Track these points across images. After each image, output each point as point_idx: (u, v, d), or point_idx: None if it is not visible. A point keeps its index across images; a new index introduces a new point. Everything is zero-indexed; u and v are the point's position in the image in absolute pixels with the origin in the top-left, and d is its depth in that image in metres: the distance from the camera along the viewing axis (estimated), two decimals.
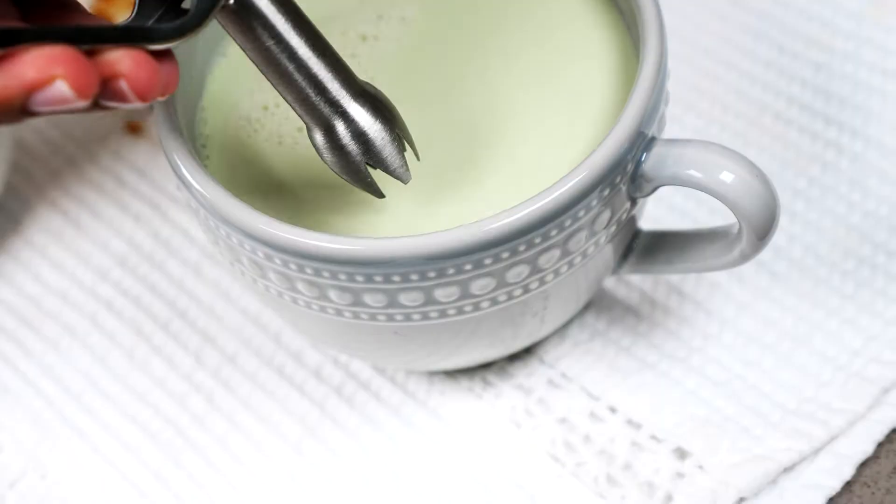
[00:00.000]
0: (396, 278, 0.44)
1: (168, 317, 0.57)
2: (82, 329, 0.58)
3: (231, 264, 0.48)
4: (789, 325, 0.53)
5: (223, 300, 0.57)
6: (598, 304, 0.55)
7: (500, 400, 0.53)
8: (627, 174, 0.45)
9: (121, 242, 0.60)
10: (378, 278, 0.44)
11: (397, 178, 0.45)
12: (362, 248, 0.44)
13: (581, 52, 0.49)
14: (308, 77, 0.43)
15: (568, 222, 0.44)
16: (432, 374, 0.54)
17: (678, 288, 0.55)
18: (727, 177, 0.45)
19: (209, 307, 0.57)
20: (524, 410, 0.53)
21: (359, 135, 0.44)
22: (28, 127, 0.64)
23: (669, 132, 0.59)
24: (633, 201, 0.47)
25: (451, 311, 0.46)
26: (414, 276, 0.44)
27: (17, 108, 0.38)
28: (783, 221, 0.56)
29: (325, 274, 0.44)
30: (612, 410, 0.53)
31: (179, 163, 0.46)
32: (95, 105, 0.39)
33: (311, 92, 0.43)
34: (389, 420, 0.54)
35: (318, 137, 0.45)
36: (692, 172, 0.45)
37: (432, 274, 0.44)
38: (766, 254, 0.55)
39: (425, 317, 0.46)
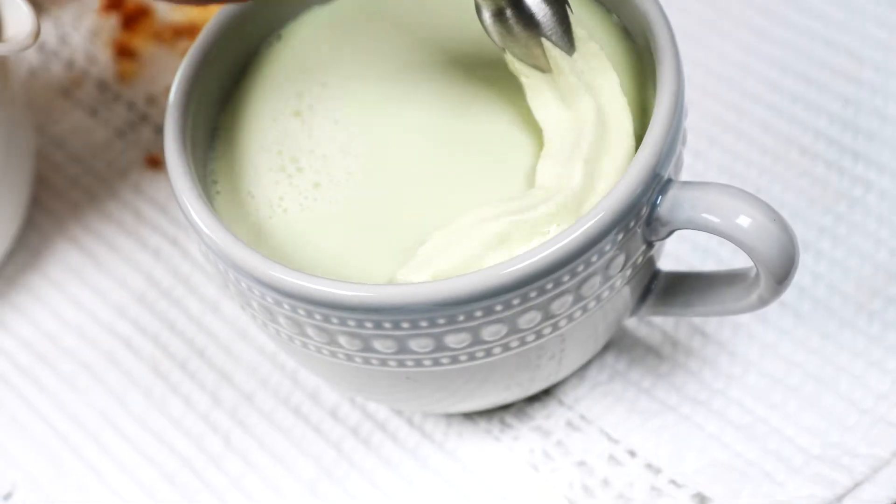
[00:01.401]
0: (406, 325, 0.43)
1: (186, 355, 0.57)
2: (100, 367, 0.57)
3: (242, 308, 0.47)
4: (814, 367, 0.52)
5: (240, 338, 0.57)
6: (618, 344, 0.54)
7: (518, 442, 0.53)
8: (642, 218, 0.44)
9: (140, 278, 0.59)
10: (387, 325, 0.43)
11: (564, 50, 0.46)
12: (370, 295, 0.43)
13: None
14: None
15: (580, 268, 0.43)
16: (450, 415, 0.54)
17: (701, 328, 0.54)
18: (744, 221, 0.44)
19: (226, 345, 0.57)
20: (542, 453, 0.52)
21: (527, 16, 0.45)
22: (48, 161, 0.64)
23: (692, 167, 0.58)
24: (650, 244, 0.46)
25: (463, 357, 0.45)
26: (423, 323, 0.43)
27: None
28: (808, 260, 0.54)
29: (334, 320, 0.44)
30: (632, 454, 0.52)
31: (189, 205, 0.46)
32: None
33: None
34: (406, 462, 0.53)
35: (486, 16, 0.46)
36: (708, 216, 0.44)
37: (442, 320, 0.43)
38: (790, 294, 0.54)
39: (436, 363, 0.45)
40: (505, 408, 0.53)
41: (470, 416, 0.53)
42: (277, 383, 0.56)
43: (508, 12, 0.45)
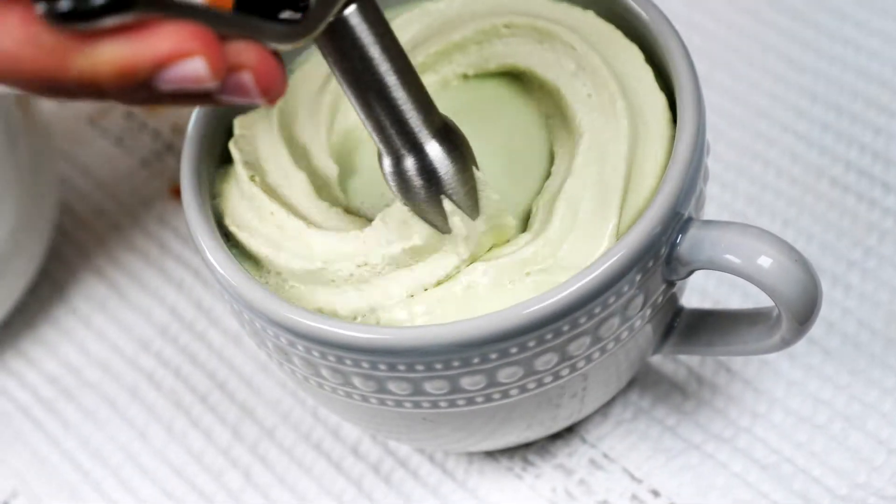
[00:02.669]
0: (420, 367, 0.43)
1: (207, 388, 0.57)
2: (122, 400, 0.57)
3: (258, 346, 0.47)
4: (841, 405, 0.51)
5: (262, 372, 0.57)
6: (642, 380, 0.53)
7: (541, 481, 0.52)
8: (662, 257, 0.44)
9: (163, 311, 0.59)
10: (401, 367, 0.43)
11: (467, 214, 0.43)
12: (383, 337, 0.42)
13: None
14: (389, 108, 0.41)
15: (598, 309, 0.43)
16: (471, 453, 0.53)
17: (726, 365, 0.53)
18: (765, 262, 0.43)
19: (248, 379, 0.56)
20: (565, 492, 0.51)
21: (428, 171, 0.43)
22: (74, 190, 0.64)
23: (719, 198, 0.57)
24: (670, 284, 0.45)
25: (479, 399, 0.44)
26: (438, 365, 0.43)
27: (140, 82, 0.34)
28: (837, 294, 0.53)
29: (348, 362, 0.43)
30: (655, 494, 0.51)
31: (204, 246, 0.45)
32: (211, 100, 0.36)
33: (388, 123, 0.42)
34: (427, 500, 0.52)
35: (387, 164, 0.43)
36: (729, 257, 0.43)
37: (457, 363, 0.43)
38: (818, 329, 0.53)
39: (452, 404, 0.45)
40: (527, 445, 0.53)
41: (492, 454, 0.53)
42: (299, 418, 0.55)
43: (408, 162, 0.42)
